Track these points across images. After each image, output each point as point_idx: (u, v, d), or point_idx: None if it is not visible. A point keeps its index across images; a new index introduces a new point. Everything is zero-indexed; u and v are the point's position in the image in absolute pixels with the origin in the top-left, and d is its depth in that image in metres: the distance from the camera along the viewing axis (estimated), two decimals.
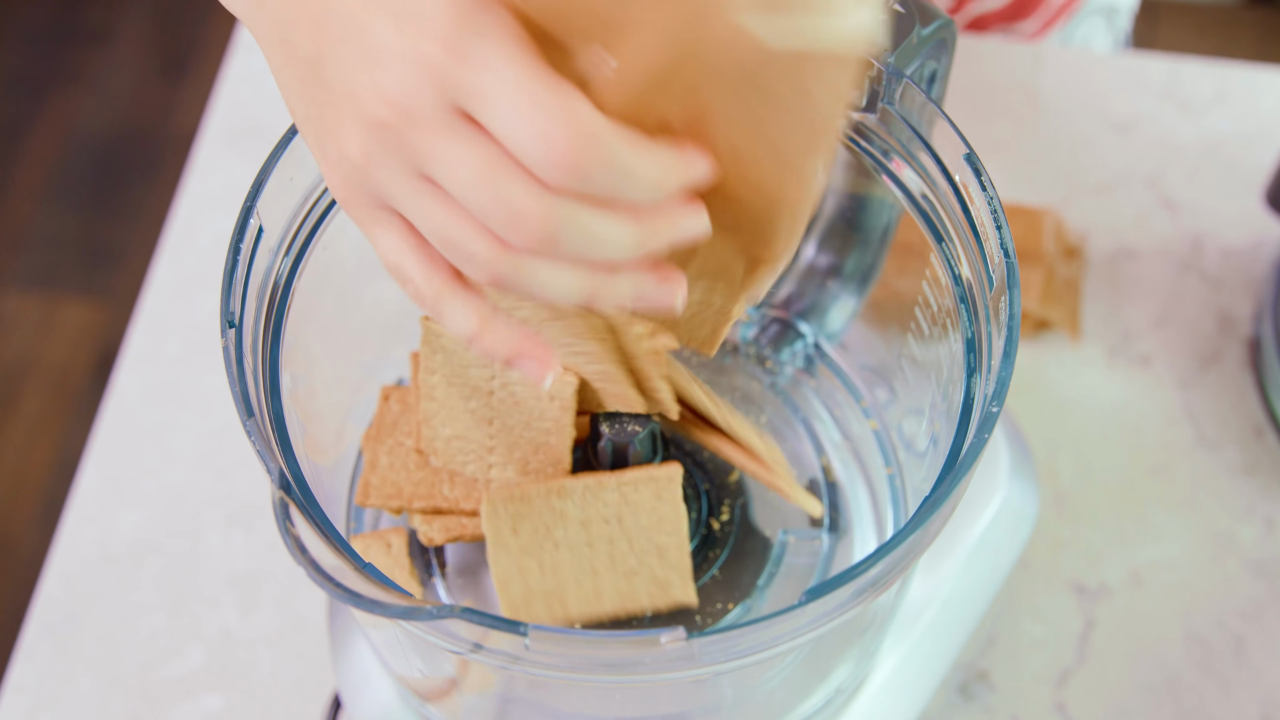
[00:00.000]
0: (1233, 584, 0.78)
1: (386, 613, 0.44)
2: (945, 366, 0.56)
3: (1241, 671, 0.75)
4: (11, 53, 2.02)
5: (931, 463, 0.60)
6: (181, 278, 0.90)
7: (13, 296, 1.80)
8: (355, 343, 0.66)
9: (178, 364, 0.86)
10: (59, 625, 0.78)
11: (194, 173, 0.94)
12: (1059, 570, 0.78)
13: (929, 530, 0.48)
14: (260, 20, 0.46)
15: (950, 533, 0.69)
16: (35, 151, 1.93)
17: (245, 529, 0.80)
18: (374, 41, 0.42)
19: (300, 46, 0.45)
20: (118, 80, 1.97)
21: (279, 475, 0.47)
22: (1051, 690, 0.75)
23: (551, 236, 0.42)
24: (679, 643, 0.44)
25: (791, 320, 0.70)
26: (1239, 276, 0.88)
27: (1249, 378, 0.84)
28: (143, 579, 0.79)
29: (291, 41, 0.45)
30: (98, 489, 0.82)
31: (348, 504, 0.63)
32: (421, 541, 0.58)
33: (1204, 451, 0.82)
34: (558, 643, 0.45)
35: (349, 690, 0.67)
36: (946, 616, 0.69)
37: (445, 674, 0.58)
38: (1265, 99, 0.94)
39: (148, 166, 1.90)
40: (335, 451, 0.63)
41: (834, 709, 0.65)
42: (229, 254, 0.51)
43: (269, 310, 0.53)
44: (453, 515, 0.58)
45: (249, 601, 0.78)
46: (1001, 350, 0.50)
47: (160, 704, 0.75)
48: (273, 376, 0.52)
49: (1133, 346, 0.86)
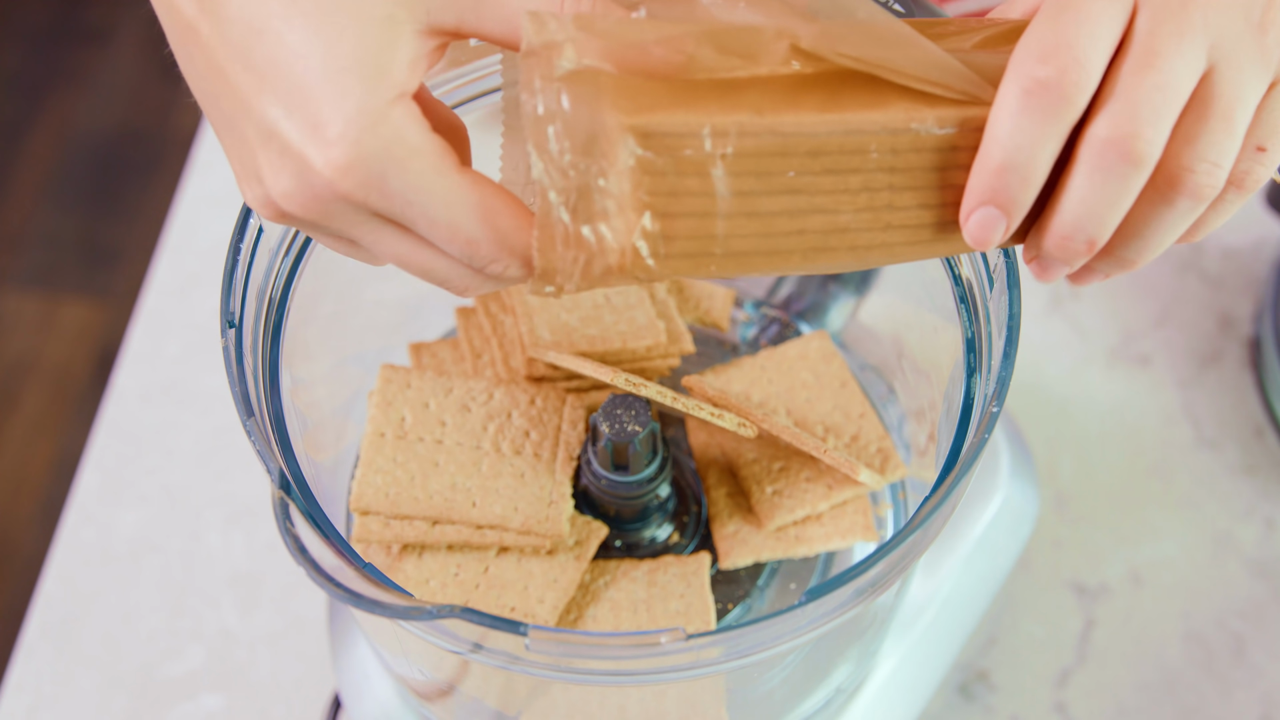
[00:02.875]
0: (1232, 584, 0.78)
1: (386, 613, 0.44)
2: (945, 366, 0.56)
3: (1241, 671, 0.75)
4: (11, 53, 2.02)
5: (931, 463, 0.60)
6: (181, 278, 0.90)
7: (13, 296, 1.80)
8: (355, 343, 0.66)
9: (178, 364, 0.86)
10: (59, 625, 0.78)
11: (194, 173, 0.94)
12: (1059, 570, 0.78)
13: (929, 530, 0.48)
14: (165, 22, 0.43)
15: (950, 533, 0.69)
16: (35, 151, 1.93)
17: (245, 529, 0.80)
18: (269, 129, 0.40)
19: (201, 84, 0.42)
20: (118, 80, 1.97)
21: (279, 475, 0.47)
22: (1051, 690, 0.75)
23: (478, 290, 0.44)
24: (679, 642, 0.44)
25: (791, 320, 0.70)
26: (1239, 276, 0.88)
27: (1249, 378, 0.84)
28: (143, 579, 0.79)
29: (193, 68, 0.42)
30: (98, 489, 0.82)
31: (348, 504, 0.63)
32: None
33: (1204, 451, 0.82)
34: (558, 643, 0.45)
35: (349, 690, 0.67)
36: (946, 616, 0.69)
37: (445, 674, 0.58)
38: None
39: (148, 166, 1.90)
40: (335, 451, 0.63)
41: (834, 709, 0.65)
42: (229, 254, 0.51)
43: (269, 310, 0.53)
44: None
45: (249, 601, 0.78)
46: (1001, 350, 0.50)
47: (160, 704, 0.75)
48: (273, 376, 0.52)
49: (1133, 346, 0.86)
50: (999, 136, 0.41)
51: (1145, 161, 0.41)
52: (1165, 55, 0.41)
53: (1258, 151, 0.43)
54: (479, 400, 0.59)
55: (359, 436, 0.64)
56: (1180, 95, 0.41)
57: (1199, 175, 0.41)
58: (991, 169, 0.41)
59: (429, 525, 0.56)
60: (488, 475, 0.57)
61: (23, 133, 1.94)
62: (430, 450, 0.57)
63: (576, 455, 0.59)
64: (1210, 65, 0.41)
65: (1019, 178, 0.41)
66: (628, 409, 0.56)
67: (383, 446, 0.57)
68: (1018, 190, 0.41)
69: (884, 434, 0.62)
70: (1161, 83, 0.40)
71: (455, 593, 0.56)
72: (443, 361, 0.64)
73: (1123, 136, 0.40)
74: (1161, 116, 0.41)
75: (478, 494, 0.56)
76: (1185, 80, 0.41)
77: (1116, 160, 0.41)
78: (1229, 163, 0.42)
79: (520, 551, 0.57)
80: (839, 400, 0.62)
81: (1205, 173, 0.41)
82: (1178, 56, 0.41)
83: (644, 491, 0.58)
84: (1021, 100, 0.40)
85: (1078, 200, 0.42)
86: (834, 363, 0.63)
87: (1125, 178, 0.41)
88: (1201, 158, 0.41)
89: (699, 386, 0.59)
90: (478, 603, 0.55)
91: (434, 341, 0.65)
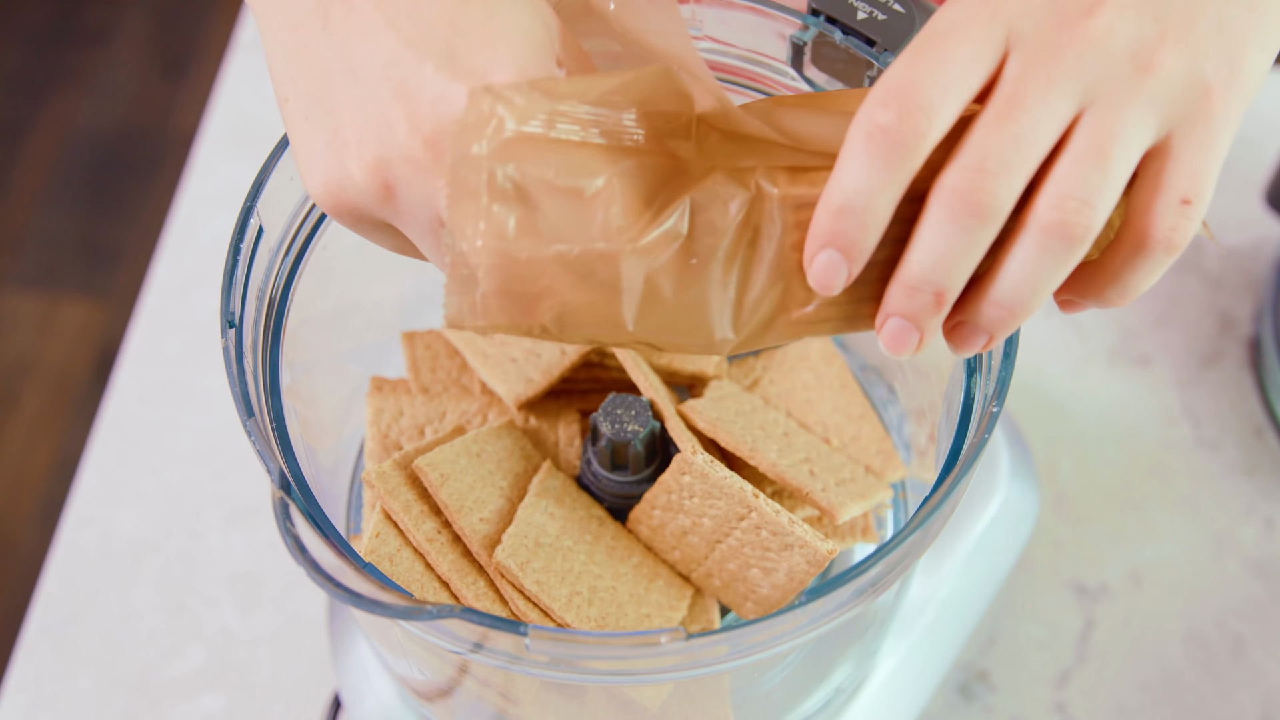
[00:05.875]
0: (1232, 584, 0.78)
1: (386, 613, 0.44)
2: (945, 367, 0.56)
3: (1241, 671, 0.75)
4: (11, 53, 2.01)
5: (931, 463, 0.60)
6: (181, 278, 0.90)
7: (13, 296, 1.80)
8: (355, 342, 0.66)
9: (178, 364, 0.86)
10: (59, 625, 0.78)
11: (194, 173, 0.94)
12: (1059, 570, 0.78)
13: (929, 530, 0.48)
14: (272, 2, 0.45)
15: (950, 533, 0.69)
16: (35, 151, 1.93)
17: (245, 529, 0.80)
18: (422, 78, 0.42)
19: (316, 43, 0.43)
20: (118, 80, 1.97)
21: (279, 475, 0.47)
22: (1051, 690, 0.75)
23: None
24: (679, 642, 0.44)
25: None
26: (1239, 276, 0.88)
27: (1249, 378, 0.84)
28: (143, 579, 0.79)
29: (306, 29, 0.44)
30: (98, 489, 0.82)
31: (348, 504, 0.63)
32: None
33: (1204, 451, 0.82)
34: (558, 643, 0.45)
35: (349, 690, 0.67)
36: (946, 616, 0.69)
37: (445, 674, 0.58)
38: (1265, 100, 0.94)
39: (148, 166, 1.90)
40: (335, 451, 0.63)
41: (834, 709, 0.65)
42: (229, 254, 0.51)
43: (269, 310, 0.53)
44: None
45: (249, 601, 0.78)
46: (1001, 350, 0.50)
47: (160, 704, 0.75)
48: (273, 376, 0.52)
49: (1133, 346, 0.86)
50: (839, 179, 0.40)
51: (991, 213, 0.40)
52: (1028, 106, 0.39)
53: (1183, 205, 0.41)
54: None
55: (359, 436, 0.64)
56: (1040, 145, 0.40)
57: (1067, 214, 0.40)
58: (831, 211, 0.40)
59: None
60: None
61: (23, 133, 1.94)
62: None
63: (577, 476, 0.59)
64: (1082, 108, 0.40)
65: (857, 221, 0.40)
66: (628, 409, 0.56)
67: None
68: (857, 234, 0.40)
69: (884, 434, 0.62)
70: (1018, 134, 0.39)
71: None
72: (436, 355, 0.64)
73: (969, 188, 0.39)
74: (1014, 169, 0.39)
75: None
76: (1047, 130, 0.40)
77: (961, 211, 0.40)
78: (1102, 202, 0.40)
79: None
80: (839, 401, 0.62)
81: (1074, 211, 0.40)
82: (1041, 106, 0.40)
83: (644, 492, 0.58)
84: (863, 144, 0.40)
85: (925, 249, 0.40)
86: (834, 363, 0.63)
87: (971, 230, 0.40)
88: (1070, 194, 0.40)
89: (690, 417, 0.59)
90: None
91: (425, 331, 0.65)
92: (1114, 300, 0.44)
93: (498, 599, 0.54)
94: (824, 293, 0.42)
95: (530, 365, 0.61)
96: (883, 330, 0.42)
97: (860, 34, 0.54)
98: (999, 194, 0.40)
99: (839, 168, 0.40)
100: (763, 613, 0.55)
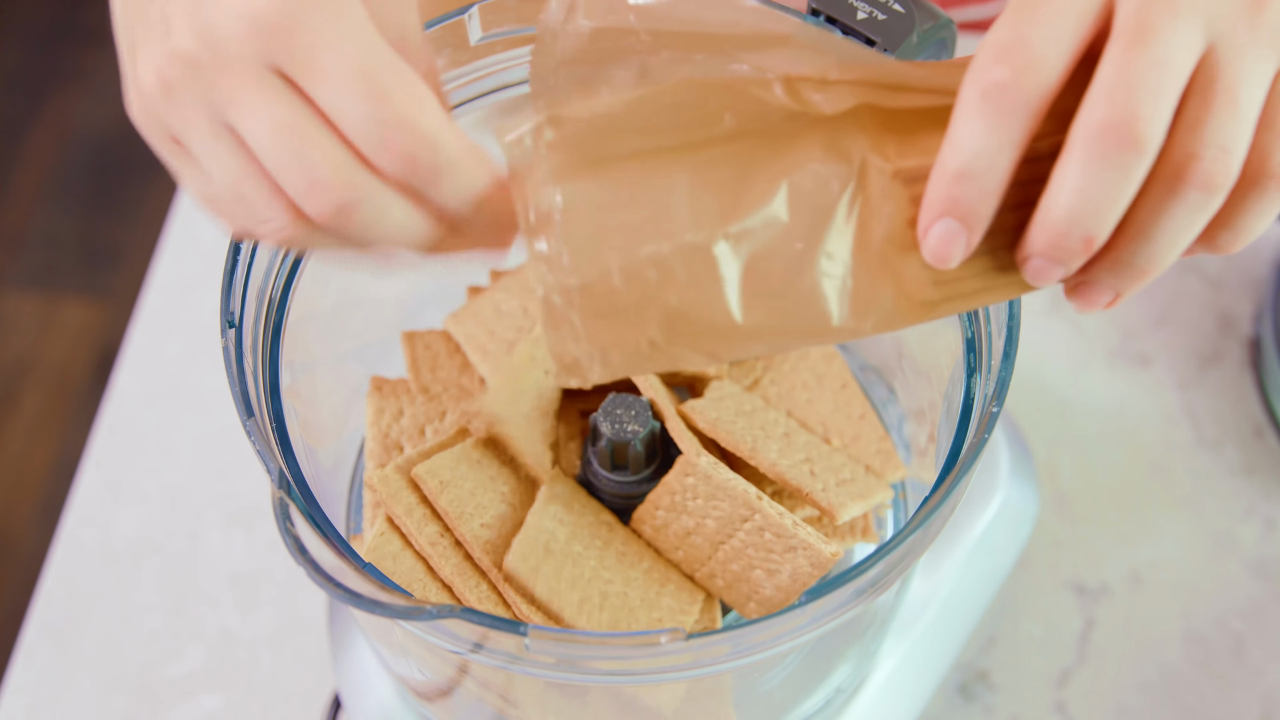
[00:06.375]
0: (1233, 584, 0.78)
1: (386, 613, 0.44)
2: (945, 367, 0.56)
3: (1241, 671, 0.75)
4: (11, 53, 2.01)
5: (931, 463, 0.60)
6: (181, 278, 0.90)
7: (13, 296, 1.80)
8: (355, 342, 0.66)
9: (178, 364, 0.86)
10: (59, 625, 0.78)
11: None
12: (1059, 570, 0.78)
13: (929, 530, 0.48)
14: None
15: (950, 533, 0.69)
16: (35, 151, 1.93)
17: (245, 529, 0.80)
18: None
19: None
20: (118, 80, 1.97)
21: (279, 475, 0.47)
22: (1051, 690, 0.75)
23: (348, 212, 0.40)
24: (679, 642, 0.44)
25: None
26: (1239, 276, 0.88)
27: (1249, 378, 0.84)
28: (143, 579, 0.79)
29: None
30: (98, 489, 0.82)
31: (348, 504, 0.63)
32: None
33: (1204, 452, 0.82)
34: (557, 642, 0.45)
35: (349, 690, 0.67)
36: (946, 616, 0.69)
37: (445, 674, 0.58)
38: None
39: (148, 166, 1.90)
40: (335, 451, 0.63)
41: (834, 709, 0.65)
42: (229, 254, 0.51)
43: (269, 310, 0.53)
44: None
45: (249, 601, 0.78)
46: (1001, 350, 0.50)
47: (160, 704, 0.75)
48: (273, 376, 0.52)
49: (1133, 346, 0.86)
50: (954, 142, 0.38)
51: (1146, 146, 0.37)
52: (1160, 31, 0.37)
53: None
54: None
55: (359, 436, 0.64)
56: (1180, 74, 0.37)
57: (1207, 162, 0.37)
58: (948, 177, 0.39)
59: None
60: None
61: (23, 133, 1.94)
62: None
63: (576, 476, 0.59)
64: (1209, 44, 0.38)
65: (976, 186, 0.38)
66: (628, 409, 0.56)
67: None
68: (976, 199, 0.39)
69: (884, 434, 0.62)
70: (1159, 59, 0.37)
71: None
72: (437, 355, 0.64)
73: (1120, 119, 0.37)
74: (1161, 96, 0.37)
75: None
76: (1184, 58, 0.37)
77: (1115, 145, 0.37)
78: (1239, 149, 0.38)
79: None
80: (839, 401, 0.62)
81: (1213, 159, 0.37)
82: (1173, 33, 0.37)
83: (644, 491, 0.58)
84: (977, 104, 0.38)
85: (1072, 192, 0.38)
86: (834, 363, 0.63)
87: (1125, 165, 0.37)
88: (1208, 142, 0.37)
89: (690, 417, 0.59)
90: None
91: (425, 331, 0.65)
92: (1225, 246, 0.41)
93: (500, 602, 0.54)
94: (940, 265, 0.40)
95: None
96: (1025, 268, 0.40)
97: (860, 34, 0.54)
98: (1151, 123, 0.37)
99: (953, 131, 0.38)
100: (766, 613, 0.55)
